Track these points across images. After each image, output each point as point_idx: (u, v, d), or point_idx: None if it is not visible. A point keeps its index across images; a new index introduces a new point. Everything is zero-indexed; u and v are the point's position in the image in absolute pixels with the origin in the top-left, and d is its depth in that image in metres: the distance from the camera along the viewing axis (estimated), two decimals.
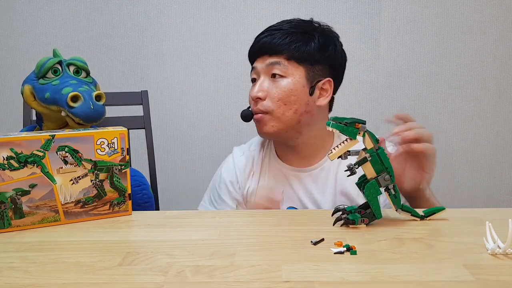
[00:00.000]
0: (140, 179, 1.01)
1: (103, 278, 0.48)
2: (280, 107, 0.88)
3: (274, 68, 0.89)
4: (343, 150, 0.62)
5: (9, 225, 0.64)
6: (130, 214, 0.73)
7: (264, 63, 0.90)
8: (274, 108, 0.88)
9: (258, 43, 0.93)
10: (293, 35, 0.90)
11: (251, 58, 0.96)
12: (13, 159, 0.63)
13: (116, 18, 1.74)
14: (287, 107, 0.88)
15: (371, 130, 0.64)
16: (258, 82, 0.90)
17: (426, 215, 0.66)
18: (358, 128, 0.61)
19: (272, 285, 0.46)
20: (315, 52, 0.89)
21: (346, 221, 0.64)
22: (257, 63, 0.92)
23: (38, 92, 0.75)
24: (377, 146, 0.62)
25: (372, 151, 0.62)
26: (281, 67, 0.88)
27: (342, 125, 0.61)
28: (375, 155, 0.62)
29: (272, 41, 0.90)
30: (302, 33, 0.90)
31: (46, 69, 0.75)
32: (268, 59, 0.90)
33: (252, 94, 0.90)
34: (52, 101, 0.73)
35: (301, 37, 0.90)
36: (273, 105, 0.88)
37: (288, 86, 0.88)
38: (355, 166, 0.63)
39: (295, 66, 0.89)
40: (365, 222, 0.64)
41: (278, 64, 0.88)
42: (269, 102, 0.88)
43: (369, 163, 0.62)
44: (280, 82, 0.88)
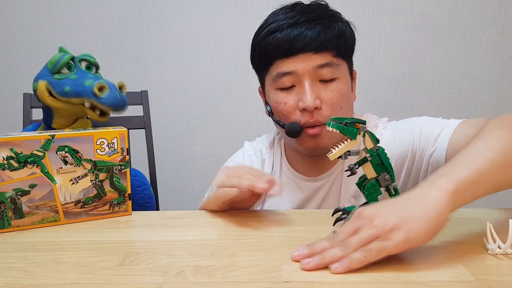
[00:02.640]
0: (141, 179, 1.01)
1: (103, 278, 0.48)
2: (338, 113, 0.77)
3: (323, 70, 0.75)
4: (343, 150, 0.62)
5: (9, 225, 0.64)
6: (130, 214, 0.73)
7: (309, 65, 0.74)
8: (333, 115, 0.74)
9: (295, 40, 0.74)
10: (335, 25, 0.76)
11: (273, 59, 0.77)
12: (13, 159, 0.63)
13: (116, 18, 1.74)
14: (343, 111, 0.78)
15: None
16: (308, 88, 0.75)
17: None
18: (358, 128, 0.61)
19: (272, 285, 0.46)
20: (353, 43, 0.80)
21: (346, 221, 0.63)
22: (297, 65, 0.75)
23: (55, 87, 0.76)
24: (377, 146, 0.62)
25: (372, 151, 0.62)
26: (332, 68, 0.75)
27: (342, 125, 0.61)
28: (375, 155, 0.62)
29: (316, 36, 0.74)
30: (337, 22, 0.77)
31: (61, 65, 0.76)
32: (314, 58, 0.74)
33: (308, 104, 0.74)
34: (74, 94, 0.74)
35: (341, 26, 0.77)
36: (331, 112, 0.76)
37: (341, 88, 0.77)
38: (355, 166, 0.63)
39: (341, 62, 0.78)
40: None
41: (329, 65, 0.75)
42: (326, 110, 0.76)
43: (369, 163, 0.62)
44: (332, 84, 0.76)
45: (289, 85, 0.77)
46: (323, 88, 0.76)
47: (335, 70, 0.76)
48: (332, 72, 0.76)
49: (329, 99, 0.76)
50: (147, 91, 1.26)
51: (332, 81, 0.77)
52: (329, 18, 0.77)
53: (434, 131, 0.76)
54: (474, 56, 1.72)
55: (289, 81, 0.77)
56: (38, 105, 1.23)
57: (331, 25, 0.76)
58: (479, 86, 1.74)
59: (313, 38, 0.73)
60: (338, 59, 0.77)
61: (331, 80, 0.76)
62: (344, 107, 0.78)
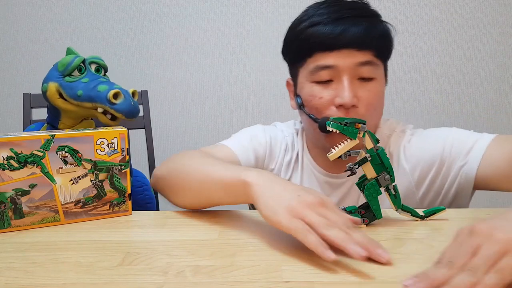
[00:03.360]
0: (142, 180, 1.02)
1: (103, 278, 0.48)
2: (372, 114, 0.76)
3: (363, 68, 0.74)
4: (343, 150, 0.62)
5: (9, 225, 0.64)
6: (130, 214, 0.73)
7: (351, 61, 0.73)
8: (368, 116, 0.74)
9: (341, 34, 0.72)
10: (379, 26, 0.75)
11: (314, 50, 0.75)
12: (13, 159, 0.63)
13: (116, 18, 1.74)
14: (376, 113, 0.77)
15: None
16: (347, 84, 0.73)
17: (426, 215, 0.66)
18: (358, 128, 0.61)
19: (272, 285, 0.46)
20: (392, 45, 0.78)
21: None
22: (338, 60, 0.73)
23: (67, 89, 0.76)
24: (377, 146, 0.62)
25: (372, 151, 0.62)
26: (372, 68, 0.74)
27: (342, 125, 0.60)
28: (375, 155, 0.62)
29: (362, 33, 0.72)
30: (383, 23, 0.76)
31: (73, 67, 0.77)
32: (356, 56, 0.73)
33: (347, 101, 0.73)
34: (87, 98, 0.74)
35: (384, 27, 0.76)
36: (367, 112, 0.75)
37: (378, 89, 0.76)
38: (355, 166, 0.63)
39: (379, 63, 0.76)
40: (365, 222, 0.64)
41: (369, 64, 0.74)
42: (362, 109, 0.74)
43: (369, 163, 0.62)
44: (370, 84, 0.75)
45: (327, 79, 0.75)
46: (361, 86, 0.75)
47: (375, 70, 0.75)
48: (372, 71, 0.75)
49: (366, 98, 0.75)
50: (147, 91, 1.26)
51: (370, 81, 0.75)
52: (374, 16, 0.77)
53: (466, 144, 0.75)
54: (474, 56, 1.72)
55: (327, 75, 0.75)
56: (38, 105, 1.23)
57: (376, 24, 0.75)
58: (479, 86, 1.74)
59: (359, 35, 0.72)
60: (377, 60, 0.76)
61: (369, 79, 0.75)
62: (378, 109, 0.78)
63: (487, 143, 0.73)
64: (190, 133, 1.79)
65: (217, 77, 1.76)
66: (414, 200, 0.81)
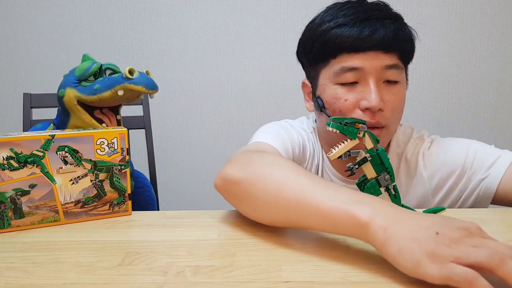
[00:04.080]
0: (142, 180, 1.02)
1: (103, 278, 0.48)
2: (396, 118, 0.76)
3: (389, 71, 0.73)
4: (343, 150, 0.62)
5: (9, 225, 0.64)
6: (130, 214, 0.73)
7: (379, 64, 0.72)
8: (392, 120, 0.74)
9: (370, 36, 0.71)
10: (406, 29, 0.75)
11: (338, 51, 0.74)
12: (13, 159, 0.63)
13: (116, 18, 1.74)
14: (399, 117, 0.77)
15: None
16: (373, 87, 0.72)
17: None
18: (358, 128, 0.61)
19: (272, 285, 0.46)
20: (414, 49, 0.78)
21: None
22: (365, 62, 0.72)
23: (83, 91, 0.79)
24: (377, 146, 0.62)
25: (372, 151, 0.62)
26: (397, 71, 0.73)
27: (342, 125, 0.61)
28: (375, 155, 0.62)
29: (389, 35, 0.71)
30: (408, 26, 0.76)
31: (90, 73, 0.80)
32: (382, 58, 0.72)
33: (374, 104, 0.71)
34: (105, 87, 0.77)
35: (410, 31, 0.76)
36: (392, 116, 0.74)
37: (402, 92, 0.75)
38: (355, 166, 0.63)
39: (403, 66, 0.76)
40: None
41: (395, 67, 0.73)
42: (387, 113, 0.73)
43: (369, 163, 0.62)
44: (395, 87, 0.74)
45: (352, 81, 0.74)
46: (386, 89, 0.74)
47: (400, 73, 0.74)
48: (397, 74, 0.74)
49: (391, 102, 0.74)
50: None
51: (396, 84, 0.75)
52: (400, 19, 0.76)
53: (488, 158, 0.75)
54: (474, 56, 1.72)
55: (353, 77, 0.73)
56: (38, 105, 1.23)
57: (403, 27, 0.75)
58: (479, 86, 1.75)
59: (387, 37, 0.71)
60: (401, 63, 0.75)
61: (394, 82, 0.74)
62: (401, 113, 0.77)
63: (510, 160, 0.74)
64: (190, 133, 1.80)
65: (217, 77, 1.76)
66: (429, 207, 0.81)
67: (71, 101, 0.79)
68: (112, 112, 0.84)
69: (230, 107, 1.77)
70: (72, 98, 0.79)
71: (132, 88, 0.76)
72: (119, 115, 0.85)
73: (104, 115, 0.83)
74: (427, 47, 1.72)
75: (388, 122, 0.74)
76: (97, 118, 0.81)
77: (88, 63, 0.79)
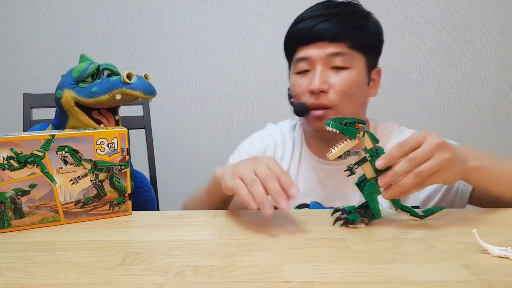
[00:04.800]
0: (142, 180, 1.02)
1: (103, 278, 0.48)
2: (344, 100, 0.81)
3: (336, 58, 0.80)
4: (343, 150, 0.62)
5: (9, 225, 0.64)
6: (130, 214, 0.73)
7: (323, 52, 0.80)
8: (338, 102, 0.80)
9: (312, 29, 0.81)
10: (353, 20, 0.81)
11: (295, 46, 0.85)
12: (13, 159, 0.63)
13: (116, 18, 1.74)
14: (350, 100, 0.82)
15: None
16: (317, 72, 0.81)
17: (425, 215, 0.66)
18: (358, 128, 0.61)
19: (272, 285, 0.46)
20: (374, 39, 0.84)
21: (346, 221, 0.64)
22: (311, 52, 0.81)
23: (81, 93, 0.78)
24: (377, 146, 0.62)
25: (371, 151, 0.62)
26: (344, 58, 0.80)
27: (342, 125, 0.61)
28: (374, 155, 0.62)
29: (332, 26, 0.79)
30: (360, 18, 0.83)
31: (88, 74, 0.79)
32: (327, 47, 0.80)
33: (314, 87, 0.80)
34: (103, 91, 0.77)
35: (361, 22, 0.82)
36: (337, 98, 0.80)
37: (352, 78, 0.81)
38: (355, 166, 0.63)
39: (357, 55, 0.82)
40: (365, 222, 0.64)
41: (341, 54, 0.80)
42: (333, 95, 0.80)
43: (369, 163, 0.62)
44: (343, 73, 0.81)
45: (304, 69, 0.83)
46: (334, 75, 0.81)
47: (348, 59, 0.81)
48: (344, 61, 0.80)
49: (337, 85, 0.80)
50: None
51: (344, 70, 0.81)
52: (350, 13, 0.82)
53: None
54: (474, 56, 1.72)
55: (304, 66, 0.83)
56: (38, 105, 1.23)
57: (349, 19, 0.81)
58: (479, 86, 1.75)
59: (328, 29, 0.80)
60: (353, 51, 0.81)
61: (343, 68, 0.81)
62: (353, 97, 0.82)
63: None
64: (190, 133, 1.80)
65: (217, 77, 1.76)
66: (417, 198, 0.83)
67: (69, 102, 0.78)
68: (110, 112, 0.83)
69: (230, 107, 1.77)
70: (70, 99, 0.78)
71: (130, 93, 0.75)
72: (117, 116, 0.85)
73: (102, 115, 0.82)
74: (427, 47, 1.72)
75: (334, 103, 0.80)
76: (95, 119, 0.81)
77: (85, 64, 0.79)
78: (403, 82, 1.74)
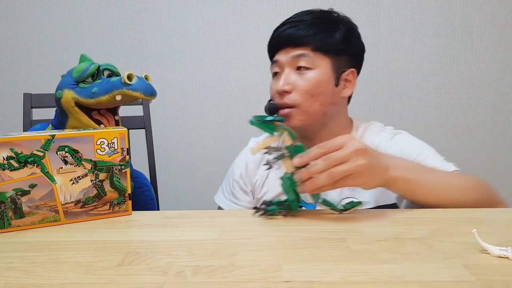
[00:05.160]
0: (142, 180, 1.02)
1: (103, 278, 0.48)
2: (307, 99, 0.86)
3: (299, 60, 0.86)
4: (262, 146, 0.66)
5: (9, 225, 0.64)
6: (130, 214, 0.73)
7: (289, 56, 0.87)
8: (302, 101, 0.86)
9: (280, 35, 0.89)
10: (318, 26, 0.87)
11: (272, 51, 0.93)
12: (13, 159, 0.63)
13: (116, 18, 1.74)
14: (314, 99, 0.86)
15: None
16: (283, 75, 0.88)
17: (344, 209, 0.69)
18: (276, 126, 0.66)
19: (272, 285, 0.46)
20: (339, 43, 0.88)
21: (265, 212, 0.68)
22: (280, 56, 0.89)
23: (81, 93, 0.78)
24: (295, 143, 0.66)
25: (290, 147, 0.66)
26: (307, 59, 0.86)
27: (261, 122, 0.65)
28: (293, 152, 0.66)
29: (296, 32, 0.87)
30: (326, 24, 0.89)
31: (88, 74, 0.79)
32: (292, 51, 0.87)
33: (278, 88, 0.87)
34: (103, 92, 0.76)
35: (326, 27, 0.88)
36: (301, 98, 0.86)
37: (315, 78, 0.86)
38: (273, 161, 0.67)
39: (321, 57, 0.87)
40: (282, 213, 0.69)
41: (304, 56, 0.86)
42: (296, 95, 0.86)
43: (288, 159, 0.67)
44: (306, 74, 0.86)
45: (276, 71, 0.91)
46: (298, 76, 0.87)
47: (311, 61, 0.86)
48: (307, 62, 0.86)
49: (300, 85, 0.86)
50: None
51: (308, 71, 0.86)
52: (314, 19, 0.88)
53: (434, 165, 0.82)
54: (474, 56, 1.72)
55: (276, 69, 0.90)
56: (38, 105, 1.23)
57: (313, 25, 0.87)
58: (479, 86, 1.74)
59: (293, 34, 0.87)
60: (316, 54, 0.87)
61: (307, 69, 0.86)
62: (317, 97, 0.86)
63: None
64: (190, 133, 1.79)
65: (217, 77, 1.76)
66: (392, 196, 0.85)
67: (69, 102, 0.78)
68: (110, 113, 0.83)
69: (230, 107, 1.77)
70: (70, 99, 0.78)
71: (131, 94, 0.75)
72: (117, 116, 0.85)
73: (102, 116, 0.82)
74: (427, 47, 1.72)
75: (297, 103, 0.86)
76: (95, 119, 0.81)
77: (85, 64, 0.79)
78: (403, 82, 1.74)
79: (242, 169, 1.00)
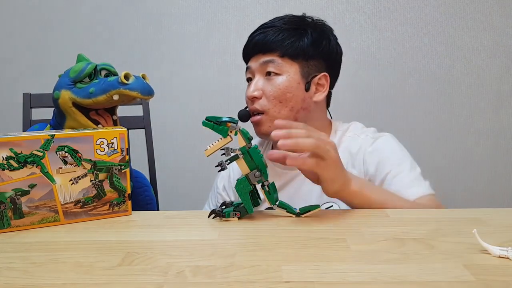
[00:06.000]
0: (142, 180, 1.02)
1: (103, 278, 0.48)
2: (276, 105, 0.87)
3: (268, 66, 0.88)
4: (215, 148, 0.66)
5: (9, 225, 0.64)
6: (130, 214, 0.73)
7: (258, 62, 0.89)
8: (270, 106, 0.87)
9: (251, 42, 0.91)
10: (286, 32, 0.88)
11: (245, 57, 0.94)
12: (12, 159, 0.63)
13: (116, 19, 1.74)
14: (282, 105, 0.87)
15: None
16: (253, 81, 0.89)
17: (301, 212, 0.69)
18: (228, 127, 0.65)
19: (272, 285, 0.46)
20: (308, 48, 0.88)
21: (219, 214, 0.68)
22: (251, 62, 0.91)
23: (78, 94, 0.78)
24: (249, 144, 0.66)
25: (244, 149, 0.66)
26: (275, 65, 0.87)
27: (213, 123, 0.65)
28: (246, 153, 0.66)
29: (265, 39, 0.88)
30: (294, 29, 0.89)
31: (85, 74, 0.78)
32: (261, 57, 0.89)
33: (248, 94, 0.89)
34: (101, 91, 0.76)
35: (294, 33, 0.88)
36: (269, 104, 0.87)
37: (283, 84, 0.87)
38: (226, 162, 0.67)
39: (289, 62, 0.88)
40: (237, 215, 0.68)
41: (272, 62, 0.87)
42: (265, 101, 0.88)
43: (242, 160, 0.66)
44: (275, 80, 0.87)
45: (249, 77, 0.92)
46: (267, 82, 0.88)
47: (279, 67, 0.87)
48: (276, 68, 0.87)
49: (269, 91, 0.87)
50: None
51: (277, 76, 0.88)
52: (285, 24, 0.89)
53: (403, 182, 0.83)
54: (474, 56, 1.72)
55: (249, 75, 0.92)
56: (38, 105, 1.23)
57: (281, 31, 0.88)
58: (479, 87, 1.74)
59: (261, 41, 0.89)
60: (285, 59, 0.88)
61: (276, 75, 0.88)
62: (286, 102, 0.87)
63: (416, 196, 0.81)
64: (190, 133, 1.79)
65: (217, 77, 1.76)
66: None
67: (66, 103, 0.78)
68: (108, 113, 0.83)
69: (230, 107, 1.77)
70: (67, 100, 0.78)
71: (128, 94, 0.75)
72: (115, 116, 0.84)
73: (100, 116, 0.82)
74: (427, 47, 1.72)
75: (265, 108, 0.87)
76: (93, 119, 0.80)
77: (82, 64, 0.78)
78: (403, 82, 1.74)
79: (225, 181, 1.02)
